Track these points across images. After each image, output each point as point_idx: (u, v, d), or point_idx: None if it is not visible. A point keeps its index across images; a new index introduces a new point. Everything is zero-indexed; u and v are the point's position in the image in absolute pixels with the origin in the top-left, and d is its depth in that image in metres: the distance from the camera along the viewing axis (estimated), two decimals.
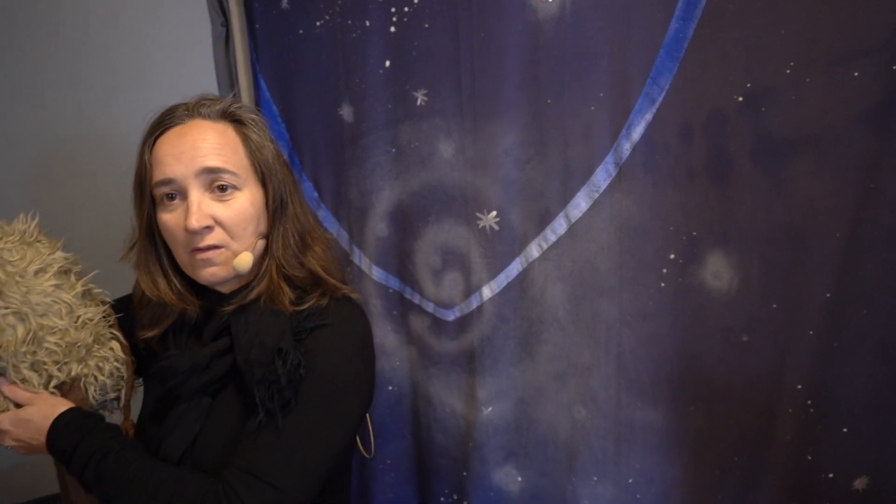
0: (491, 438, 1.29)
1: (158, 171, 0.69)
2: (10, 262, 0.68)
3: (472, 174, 1.20)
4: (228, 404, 0.71)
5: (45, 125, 1.18)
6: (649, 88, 1.03)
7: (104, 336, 0.77)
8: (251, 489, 0.61)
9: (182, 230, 0.69)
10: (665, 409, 1.14)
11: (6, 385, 0.68)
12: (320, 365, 0.66)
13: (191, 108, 0.73)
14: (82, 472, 0.66)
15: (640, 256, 1.11)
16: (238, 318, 0.70)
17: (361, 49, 1.24)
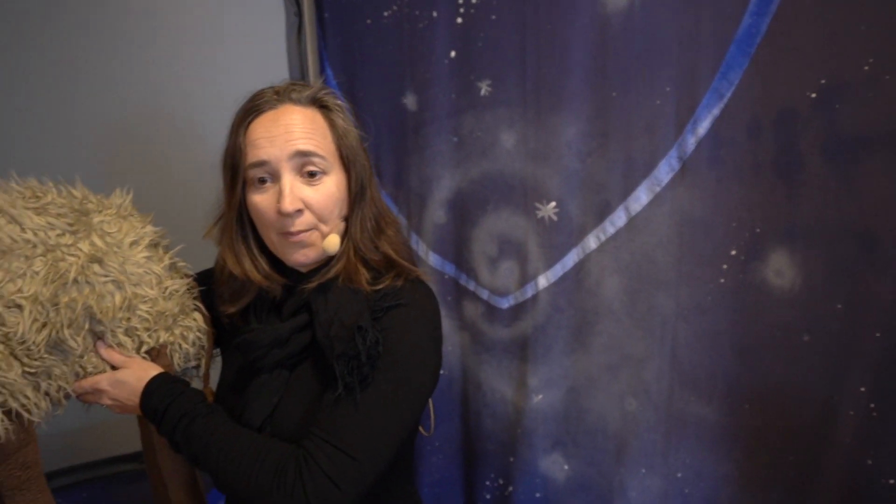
0: (540, 426, 1.32)
1: (252, 154, 0.71)
2: (108, 233, 0.73)
3: (533, 165, 1.22)
4: (305, 378, 0.74)
5: (121, 109, 1.23)
6: (718, 83, 1.03)
7: (188, 307, 0.81)
8: (329, 457, 0.65)
9: (273, 212, 0.71)
10: (719, 404, 1.14)
11: (104, 348, 0.73)
12: (396, 343, 0.69)
13: (281, 92, 0.74)
14: (172, 432, 0.71)
15: (699, 251, 1.11)
16: (318, 296, 0.73)
17: (428, 39, 1.27)
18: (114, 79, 1.21)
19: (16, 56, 1.10)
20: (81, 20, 1.17)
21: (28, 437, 0.66)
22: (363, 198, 0.76)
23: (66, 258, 0.66)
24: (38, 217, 0.67)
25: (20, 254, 0.64)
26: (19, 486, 0.66)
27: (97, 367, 0.72)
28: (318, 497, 0.62)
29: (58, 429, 1.17)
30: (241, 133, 0.72)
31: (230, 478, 0.66)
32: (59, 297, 0.65)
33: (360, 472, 0.65)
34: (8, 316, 0.62)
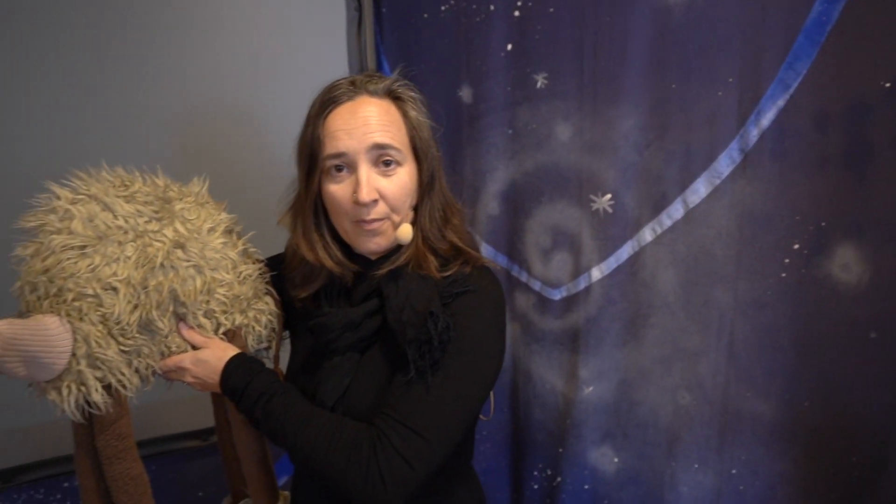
0: (590, 417, 1.32)
1: (331, 145, 0.73)
2: (189, 220, 0.77)
3: (589, 157, 1.22)
4: (375, 360, 0.77)
5: (187, 103, 1.28)
6: (784, 74, 1.01)
7: (261, 291, 0.85)
8: (401, 436, 0.66)
9: (348, 201, 0.73)
10: (777, 401, 1.12)
11: (185, 329, 0.77)
12: (465, 328, 0.71)
13: (357, 83, 0.76)
14: (251, 409, 0.74)
15: (760, 245, 1.09)
16: (389, 282, 0.75)
17: (484, 32, 1.28)
18: (180, 73, 1.26)
19: (91, 53, 1.16)
20: (152, 19, 1.22)
21: (122, 410, 0.71)
22: (432, 188, 0.78)
23: (154, 244, 0.70)
24: (127, 205, 0.71)
25: (114, 239, 0.68)
26: (116, 455, 0.71)
27: (180, 347, 0.76)
28: (391, 475, 0.65)
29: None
30: (320, 124, 0.74)
31: (306, 454, 0.69)
32: (148, 281, 0.69)
33: (431, 452, 0.67)
34: (105, 297, 0.67)
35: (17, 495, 1.22)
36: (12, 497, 1.21)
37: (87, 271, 0.66)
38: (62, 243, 0.66)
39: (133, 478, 0.72)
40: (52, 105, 1.14)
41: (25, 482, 1.21)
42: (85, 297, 0.66)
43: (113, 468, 0.70)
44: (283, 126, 1.31)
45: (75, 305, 0.65)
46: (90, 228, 0.67)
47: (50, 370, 0.64)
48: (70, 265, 0.65)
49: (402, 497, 0.66)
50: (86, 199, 0.69)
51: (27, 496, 1.23)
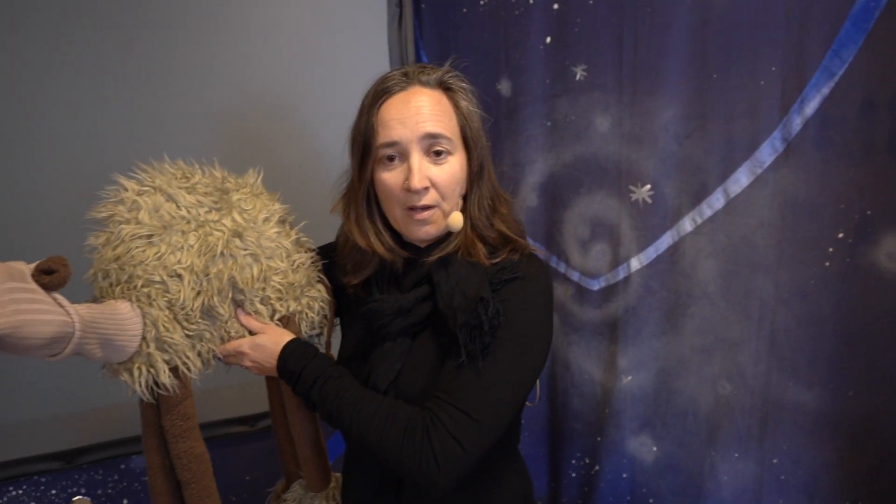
0: (628, 407, 1.33)
1: (384, 134, 0.75)
2: (246, 210, 0.80)
3: (628, 148, 1.23)
4: (426, 345, 0.79)
5: (232, 99, 1.32)
6: (829, 62, 1.01)
7: (313, 279, 0.88)
8: (453, 418, 0.68)
9: (400, 189, 0.75)
10: (821, 391, 1.12)
11: (243, 315, 0.81)
12: (514, 314, 0.73)
13: (410, 74, 0.78)
14: (308, 392, 0.77)
15: (803, 234, 1.09)
16: (439, 269, 0.77)
17: (523, 26, 1.30)
18: (228, 71, 1.30)
19: (148, 56, 1.21)
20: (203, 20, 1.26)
21: (187, 392, 0.75)
22: (482, 177, 0.80)
23: (214, 233, 0.74)
24: (189, 196, 0.75)
25: (178, 229, 0.72)
26: (180, 435, 0.75)
27: (238, 333, 0.80)
28: (444, 455, 0.67)
29: None
30: (373, 113, 0.76)
31: (362, 435, 0.72)
32: (209, 268, 0.73)
33: (482, 434, 0.70)
34: (171, 284, 0.70)
35: (77, 475, 1.28)
36: (74, 477, 1.28)
37: (154, 259, 0.69)
38: (131, 232, 0.70)
39: (196, 456, 0.75)
40: (112, 105, 1.19)
41: (86, 463, 1.27)
42: (153, 283, 0.69)
43: (178, 446, 0.74)
44: (327, 120, 1.35)
45: (144, 291, 0.69)
46: (156, 218, 0.71)
47: (123, 352, 0.68)
48: (138, 253, 0.69)
49: (454, 477, 0.69)
50: (151, 191, 0.73)
51: (88, 476, 1.29)
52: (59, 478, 1.26)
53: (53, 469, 1.24)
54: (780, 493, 1.21)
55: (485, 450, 0.71)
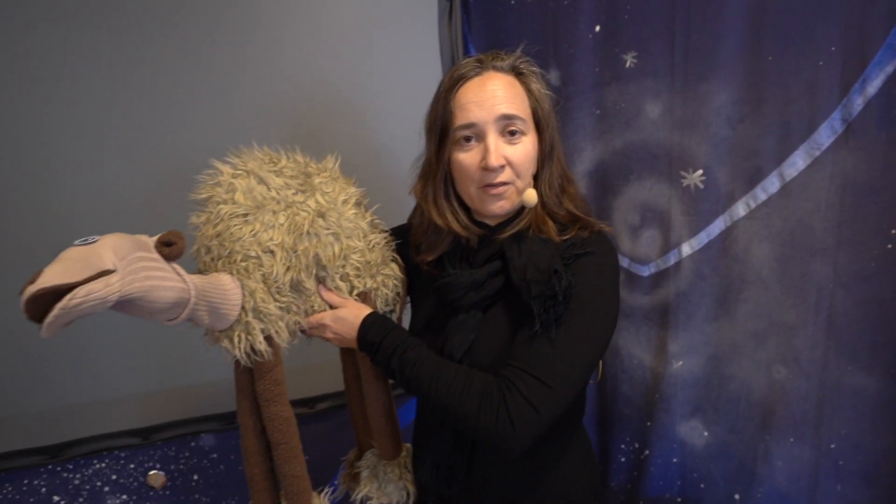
0: (679, 392, 1.34)
1: (461, 116, 0.80)
2: (327, 192, 0.85)
3: (679, 133, 1.23)
4: (497, 318, 0.84)
5: (291, 92, 1.37)
6: (894, 38, 0.99)
7: (387, 258, 0.93)
8: (527, 385, 0.73)
9: (476, 168, 0.80)
10: (882, 375, 1.11)
11: (325, 291, 0.87)
12: (585, 287, 0.76)
13: (484, 61, 0.83)
14: (388, 360, 0.82)
15: (863, 216, 1.07)
16: (512, 245, 0.82)
17: (571, 16, 1.31)
18: (283, 66, 1.35)
19: (224, 57, 1.28)
20: (270, 24, 1.32)
21: (277, 360, 0.81)
22: (552, 158, 0.84)
23: (300, 213, 0.79)
24: (277, 178, 0.80)
25: (269, 209, 0.78)
26: (272, 399, 0.80)
27: (320, 307, 0.86)
28: (519, 418, 0.71)
29: None
30: (451, 98, 0.81)
31: (440, 400, 0.76)
32: (297, 245, 0.79)
33: (555, 399, 0.73)
34: (265, 259, 0.76)
35: (153, 451, 1.37)
36: (150, 452, 1.37)
37: (249, 236, 0.75)
38: (229, 212, 0.76)
39: (285, 419, 0.81)
40: (195, 100, 1.27)
41: (160, 440, 1.36)
42: (250, 258, 0.75)
43: (269, 409, 0.80)
44: (383, 111, 1.40)
45: (242, 265, 0.75)
46: (250, 199, 0.77)
47: (226, 320, 0.74)
48: (236, 230, 0.75)
49: (528, 439, 0.73)
50: (244, 174, 0.79)
51: (162, 452, 1.38)
52: (137, 453, 1.36)
53: (132, 444, 1.33)
54: (839, 477, 1.20)
55: (556, 415, 0.74)
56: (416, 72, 1.41)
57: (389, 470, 0.92)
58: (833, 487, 1.21)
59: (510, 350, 0.78)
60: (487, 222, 0.86)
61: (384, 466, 0.93)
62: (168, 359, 1.34)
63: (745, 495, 1.31)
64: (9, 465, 1.24)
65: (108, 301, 0.58)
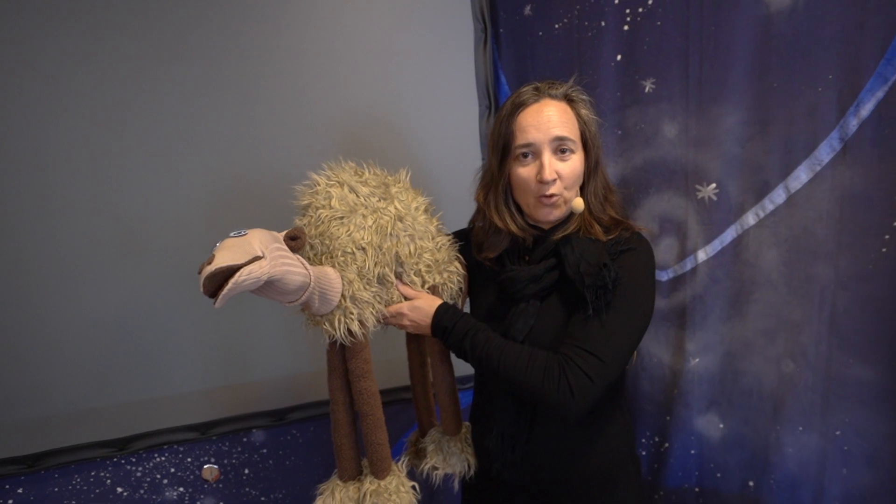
0: (696, 387, 1.46)
1: (521, 137, 0.94)
2: (402, 200, 0.98)
3: (694, 151, 1.37)
4: (552, 306, 0.97)
5: (345, 115, 1.49)
6: (883, 69, 1.14)
7: (451, 257, 1.06)
8: (584, 359, 0.86)
9: (533, 181, 0.93)
10: (881, 366, 1.23)
11: (401, 285, 0.99)
12: (629, 278, 0.90)
13: (541, 89, 0.97)
14: (461, 341, 0.95)
15: (860, 223, 1.21)
16: (565, 244, 0.95)
17: (595, 45, 1.46)
18: (342, 92, 1.48)
19: (281, 84, 1.41)
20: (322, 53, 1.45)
21: (367, 341, 0.93)
22: (597, 172, 0.97)
23: (384, 217, 0.92)
24: (364, 188, 0.93)
25: (360, 213, 0.90)
26: (362, 375, 0.92)
27: (398, 299, 0.98)
28: (578, 387, 0.83)
29: (291, 372, 1.47)
30: (512, 121, 0.95)
31: (509, 374, 0.88)
32: (382, 244, 0.91)
33: (606, 371, 0.86)
34: (358, 255, 0.88)
35: (208, 446, 1.47)
36: (205, 447, 1.46)
37: (345, 235, 0.87)
38: (328, 216, 0.88)
39: (373, 394, 0.93)
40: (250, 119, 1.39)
41: (215, 435, 1.45)
42: (347, 254, 0.87)
43: (360, 385, 0.91)
44: (428, 133, 1.53)
45: (341, 260, 0.87)
46: (344, 205, 0.89)
47: (330, 304, 0.86)
48: (335, 230, 0.87)
49: (586, 405, 0.85)
50: (337, 184, 0.91)
51: (216, 447, 1.47)
52: (194, 447, 1.45)
53: (190, 439, 1.43)
54: (844, 462, 1.31)
55: (607, 385, 0.87)
56: (455, 94, 1.55)
57: (452, 444, 1.03)
58: (839, 471, 1.33)
59: (565, 332, 0.90)
60: (541, 226, 0.99)
61: (447, 441, 1.04)
62: (223, 358, 1.44)
63: (758, 482, 1.42)
64: (77, 458, 1.34)
65: (261, 280, 0.70)
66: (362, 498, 0.92)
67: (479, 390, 1.10)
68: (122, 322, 1.33)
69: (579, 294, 0.89)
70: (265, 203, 1.40)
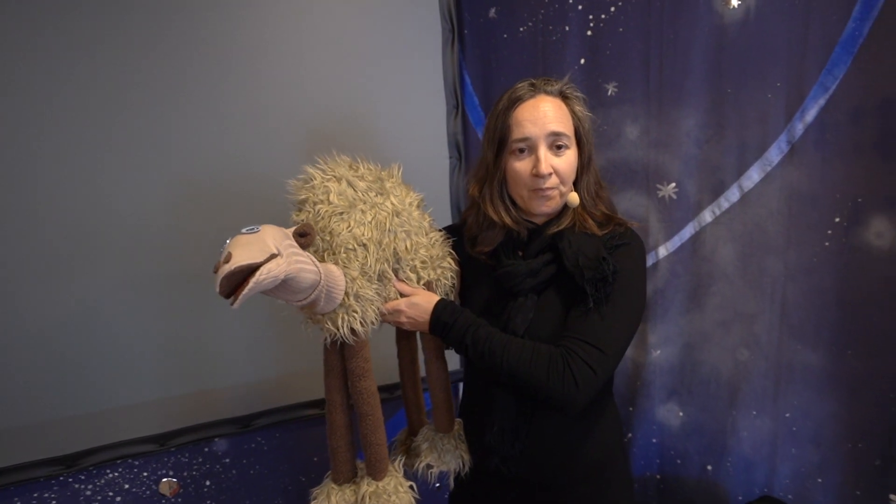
0: (657, 378, 1.52)
1: (518, 132, 0.94)
2: (397, 195, 0.96)
3: (655, 152, 1.44)
4: (550, 300, 0.97)
5: (308, 111, 1.45)
6: (824, 78, 1.24)
7: (444, 253, 1.04)
8: (586, 351, 0.86)
9: (528, 175, 0.93)
10: (824, 352, 1.34)
11: (397, 281, 0.97)
12: (624, 271, 0.92)
13: (536, 85, 0.97)
14: (462, 337, 0.92)
15: (806, 220, 1.31)
16: (562, 238, 0.96)
17: (559, 50, 1.51)
18: (305, 87, 1.44)
19: (246, 81, 1.35)
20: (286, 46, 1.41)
21: (366, 339, 0.90)
22: (589, 168, 0.99)
23: (381, 212, 0.90)
24: (361, 182, 0.90)
25: (359, 208, 0.87)
26: (362, 374, 0.89)
27: (394, 296, 0.96)
28: (582, 378, 0.85)
29: (256, 377, 1.42)
30: (509, 116, 0.96)
31: (512, 369, 0.89)
32: (382, 240, 0.89)
33: (607, 362, 0.88)
34: (360, 251, 0.86)
35: (167, 458, 1.38)
36: (163, 459, 1.38)
37: (346, 231, 0.85)
38: (328, 211, 0.85)
39: (372, 392, 0.90)
40: (228, 117, 1.33)
41: (174, 446, 1.37)
42: (349, 250, 0.85)
43: (360, 384, 0.89)
44: (393, 131, 1.52)
45: (343, 257, 0.84)
46: (343, 200, 0.87)
47: (334, 302, 0.83)
48: (336, 226, 0.84)
49: (589, 396, 0.87)
50: (333, 179, 0.88)
51: (175, 459, 1.39)
52: (151, 460, 1.36)
53: (146, 452, 1.34)
54: (793, 442, 1.41)
55: (608, 375, 0.89)
56: (422, 95, 1.55)
57: (446, 441, 1.02)
58: (789, 451, 1.43)
59: (564, 325, 0.91)
60: (535, 220, 1.00)
61: (441, 438, 1.03)
62: (183, 365, 1.37)
63: (716, 466, 1.50)
64: (18, 479, 1.22)
65: (279, 279, 0.67)
66: (361, 500, 0.90)
67: (471, 386, 1.10)
68: (71, 329, 1.23)
69: (577, 287, 0.91)
70: (229, 203, 1.35)
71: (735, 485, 1.49)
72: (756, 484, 1.47)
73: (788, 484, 1.44)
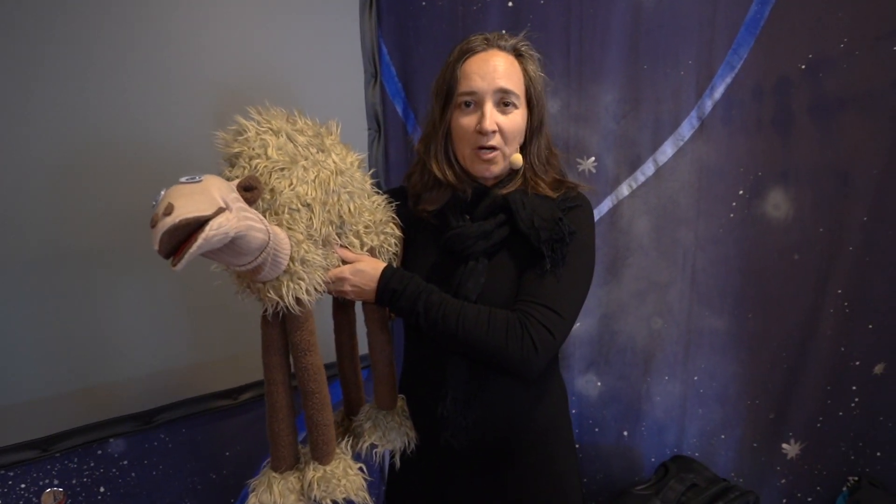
0: (577, 350, 1.56)
1: (465, 84, 0.89)
2: (338, 153, 0.86)
3: (575, 126, 1.45)
4: (502, 263, 0.93)
5: (220, 74, 1.29)
6: (730, 57, 1.31)
7: (388, 218, 0.96)
8: (543, 314, 0.83)
9: (472, 131, 0.89)
10: (728, 317, 1.43)
11: (338, 248, 0.88)
12: (579, 234, 0.90)
13: (490, 39, 0.93)
14: (413, 305, 0.86)
15: (714, 192, 1.39)
16: (516, 198, 0.92)
17: (480, 20, 1.47)
18: (216, 50, 1.29)
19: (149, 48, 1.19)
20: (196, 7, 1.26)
21: (311, 310, 0.81)
22: (540, 131, 0.96)
23: (324, 171, 0.81)
24: (301, 136, 0.81)
25: (301, 165, 0.78)
26: (308, 349, 0.80)
27: (336, 263, 0.87)
28: (541, 343, 0.82)
29: (158, 368, 1.28)
30: (458, 67, 0.91)
31: (468, 336, 0.84)
32: (326, 201, 0.80)
33: (564, 325, 0.86)
34: (304, 212, 0.76)
35: (50, 465, 1.21)
36: (46, 467, 1.20)
37: (289, 190, 0.75)
38: (267, 166, 0.75)
39: (319, 369, 0.81)
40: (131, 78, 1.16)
41: (60, 451, 1.20)
42: (293, 211, 0.75)
43: (305, 360, 0.80)
44: (309, 98, 1.41)
45: (287, 218, 0.75)
46: (283, 155, 0.76)
47: (279, 268, 0.73)
48: (277, 184, 0.74)
49: (547, 360, 0.85)
50: (270, 131, 0.78)
51: (61, 466, 1.22)
52: (31, 469, 1.18)
53: (25, 460, 1.16)
54: (700, 403, 1.51)
55: (565, 338, 0.87)
56: (340, 59, 1.45)
57: (389, 419, 0.96)
58: (696, 412, 1.52)
59: (519, 289, 0.88)
60: (482, 181, 0.96)
61: (384, 416, 0.96)
62: (71, 358, 1.20)
63: (632, 431, 1.57)
64: None
65: (228, 237, 0.57)
66: (308, 487, 0.82)
67: (413, 359, 1.05)
68: None
69: (530, 250, 0.88)
70: (132, 170, 1.19)
71: (648, 447, 1.56)
72: (667, 445, 1.55)
73: (695, 442, 1.54)
